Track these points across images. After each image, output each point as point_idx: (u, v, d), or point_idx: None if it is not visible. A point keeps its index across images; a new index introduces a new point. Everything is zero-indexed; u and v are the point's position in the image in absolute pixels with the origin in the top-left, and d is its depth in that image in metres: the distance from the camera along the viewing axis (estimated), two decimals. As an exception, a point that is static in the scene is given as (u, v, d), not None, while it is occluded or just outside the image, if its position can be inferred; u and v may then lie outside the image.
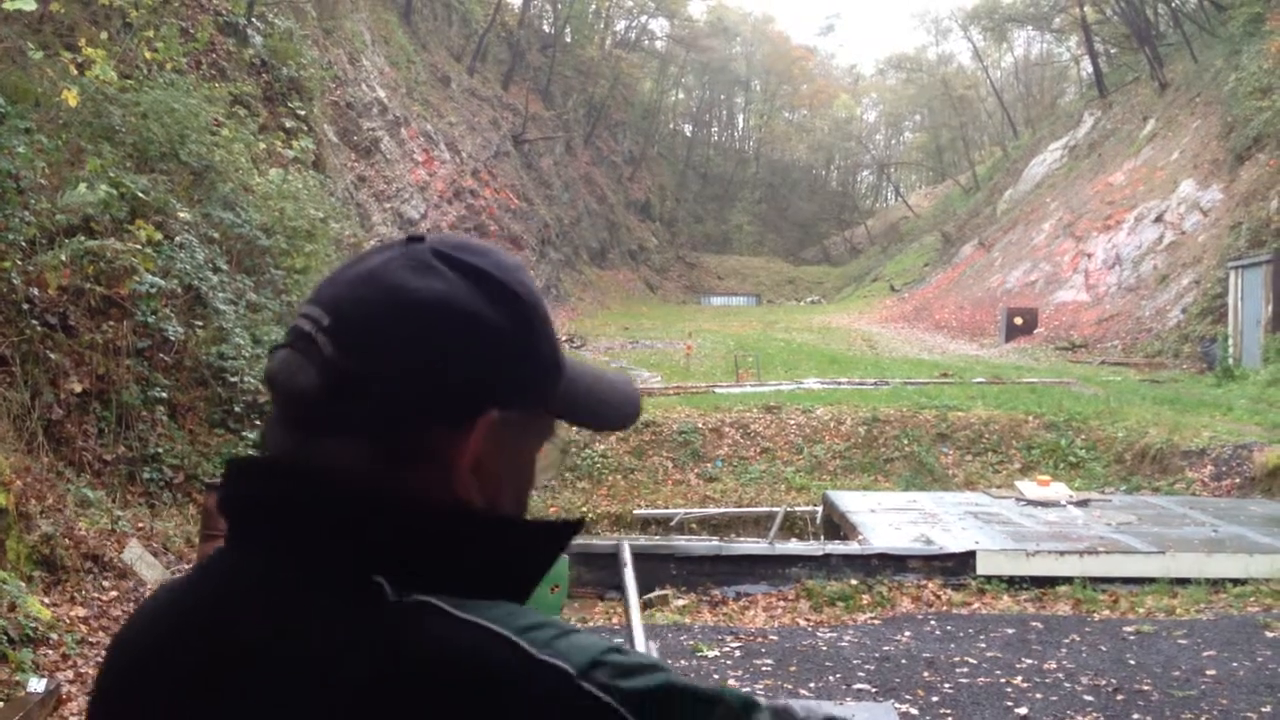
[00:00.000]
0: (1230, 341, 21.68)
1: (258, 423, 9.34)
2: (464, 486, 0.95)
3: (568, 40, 61.29)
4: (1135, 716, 5.82)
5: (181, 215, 10.23)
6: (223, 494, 0.96)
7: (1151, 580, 8.51)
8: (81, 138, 9.64)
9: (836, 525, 11.19)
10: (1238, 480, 12.41)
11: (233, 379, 9.40)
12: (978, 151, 69.15)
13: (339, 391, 0.90)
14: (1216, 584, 8.44)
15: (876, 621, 7.94)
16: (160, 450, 8.35)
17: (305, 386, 0.91)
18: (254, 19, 16.14)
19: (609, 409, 1.06)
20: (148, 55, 11.61)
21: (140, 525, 7.48)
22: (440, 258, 0.95)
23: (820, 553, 9.10)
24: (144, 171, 10.20)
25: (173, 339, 9.00)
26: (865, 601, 8.44)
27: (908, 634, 7.51)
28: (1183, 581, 8.46)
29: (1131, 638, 7.31)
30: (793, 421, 15.96)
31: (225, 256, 10.77)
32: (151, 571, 6.74)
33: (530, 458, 1.03)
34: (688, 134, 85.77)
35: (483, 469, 0.95)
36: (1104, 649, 7.05)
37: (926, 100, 77.46)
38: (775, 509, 13.06)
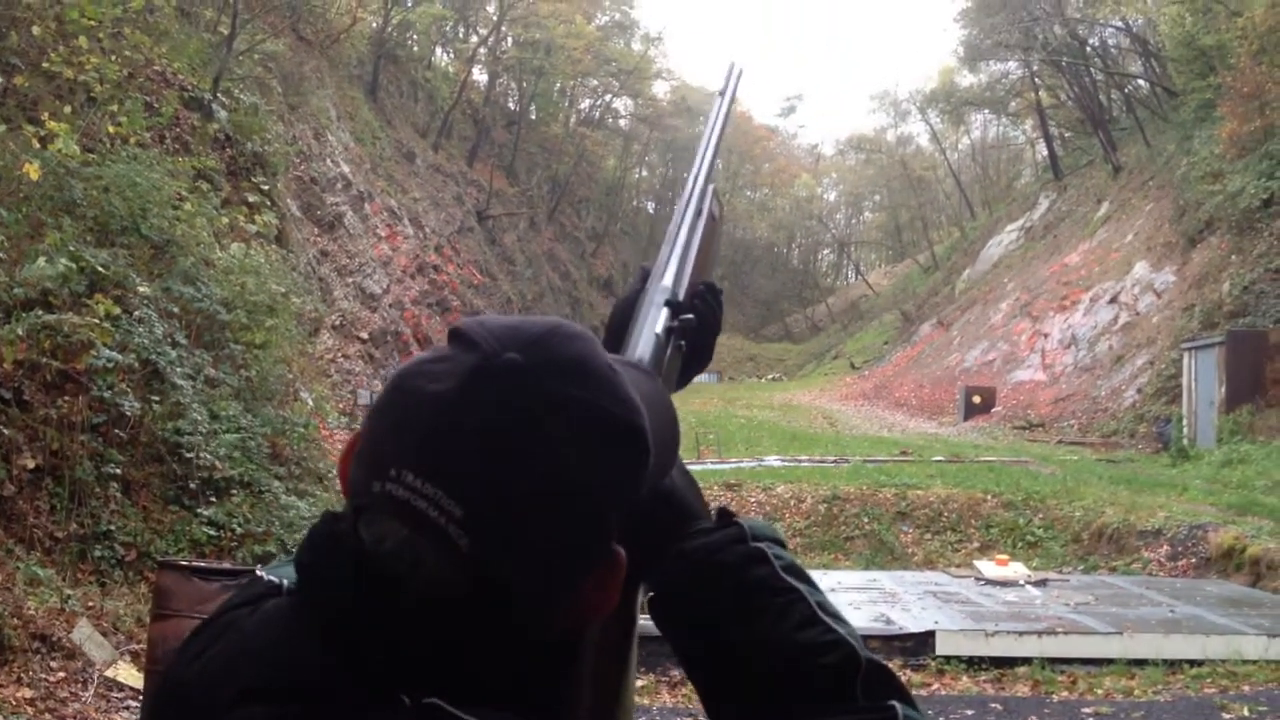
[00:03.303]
0: (1185, 422, 21.95)
1: (212, 499, 9.22)
2: (593, 621, 0.91)
3: (533, 118, 61.90)
4: (1094, 800, 5.80)
5: (141, 289, 10.18)
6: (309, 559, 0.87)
7: (1110, 661, 8.51)
8: (42, 211, 9.60)
9: (797, 605, 11.14)
10: (1194, 560, 12.47)
11: (189, 455, 9.29)
12: (936, 231, 70.06)
13: (485, 594, 0.81)
14: (1174, 665, 8.45)
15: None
16: (113, 527, 8.22)
17: (446, 589, 0.81)
18: (219, 94, 16.20)
19: (667, 450, 1.02)
20: (111, 129, 11.61)
21: (90, 604, 7.35)
22: (552, 401, 0.83)
23: (780, 633, 9.05)
24: (104, 245, 10.15)
25: (129, 414, 8.91)
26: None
27: (867, 716, 7.46)
28: (1140, 662, 8.47)
29: (1091, 719, 7.31)
30: (753, 499, 15.93)
31: (185, 331, 10.70)
32: (100, 651, 6.62)
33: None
34: (651, 211, 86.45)
35: (607, 605, 0.90)
36: (1063, 731, 7.05)
37: (886, 180, 78.53)
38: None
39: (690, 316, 1.21)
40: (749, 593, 0.93)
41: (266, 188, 16.63)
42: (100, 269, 9.51)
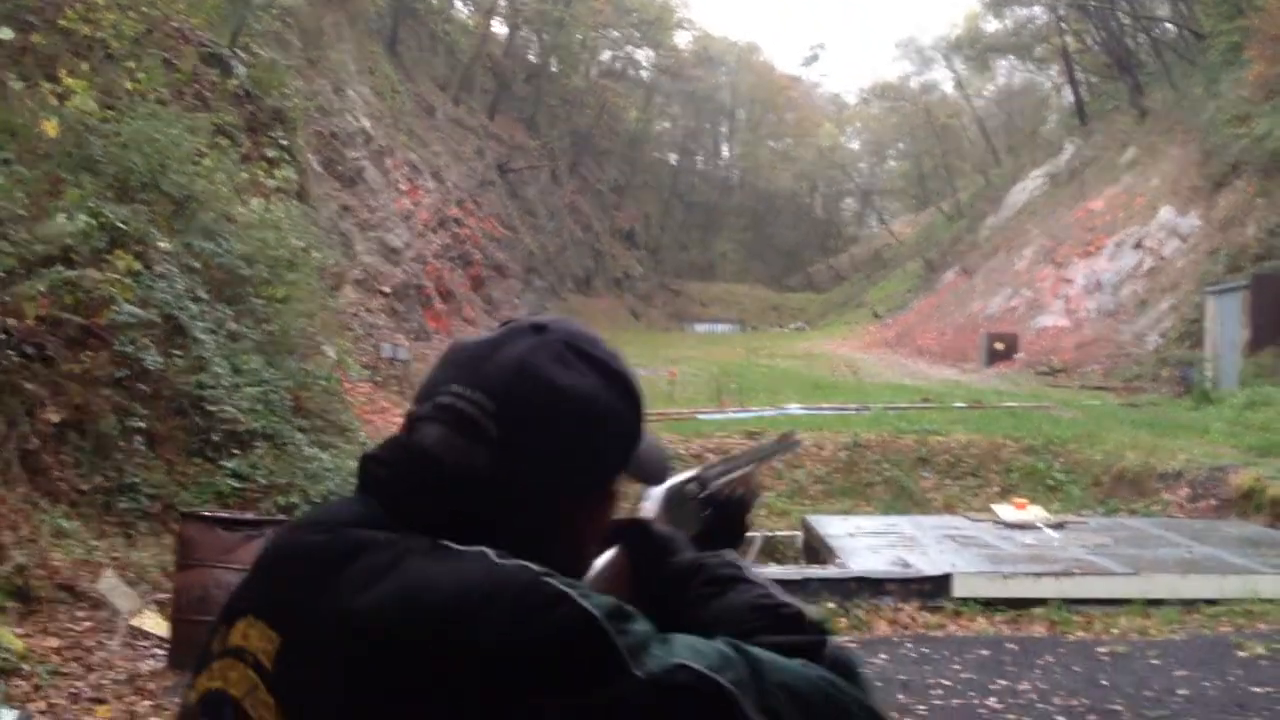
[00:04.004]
0: (1208, 365, 21.84)
1: (235, 452, 9.34)
2: (585, 548, 1.19)
3: (553, 70, 61.49)
4: (1106, 736, 5.87)
5: (161, 245, 10.25)
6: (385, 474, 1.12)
7: (1126, 601, 8.56)
8: (61, 168, 9.67)
9: (816, 550, 11.23)
10: (1213, 502, 12.48)
11: (211, 408, 9.40)
12: (960, 179, 69.46)
13: (507, 472, 1.08)
14: (1190, 604, 8.50)
15: (853, 644, 7.95)
16: (137, 480, 8.35)
17: (477, 468, 1.08)
18: (238, 50, 16.19)
19: (656, 465, 1.29)
20: (129, 86, 11.64)
21: (116, 555, 7.48)
22: (572, 350, 1.14)
23: (799, 577, 9.12)
24: (124, 201, 10.22)
25: (151, 368, 9.01)
26: (843, 625, 8.46)
27: (884, 656, 7.54)
28: (1157, 602, 8.51)
29: (1105, 658, 7.37)
30: (774, 447, 15.97)
31: (205, 286, 10.77)
32: (126, 602, 6.74)
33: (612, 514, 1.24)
34: (673, 163, 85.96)
35: (595, 531, 1.20)
36: (1078, 669, 7.10)
37: (909, 128, 77.75)
38: (753, 534, 13.10)
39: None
40: (725, 579, 1.19)
41: (286, 143, 16.64)
42: (120, 225, 9.59)
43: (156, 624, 6.84)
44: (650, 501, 1.40)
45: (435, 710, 0.94)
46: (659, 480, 1.34)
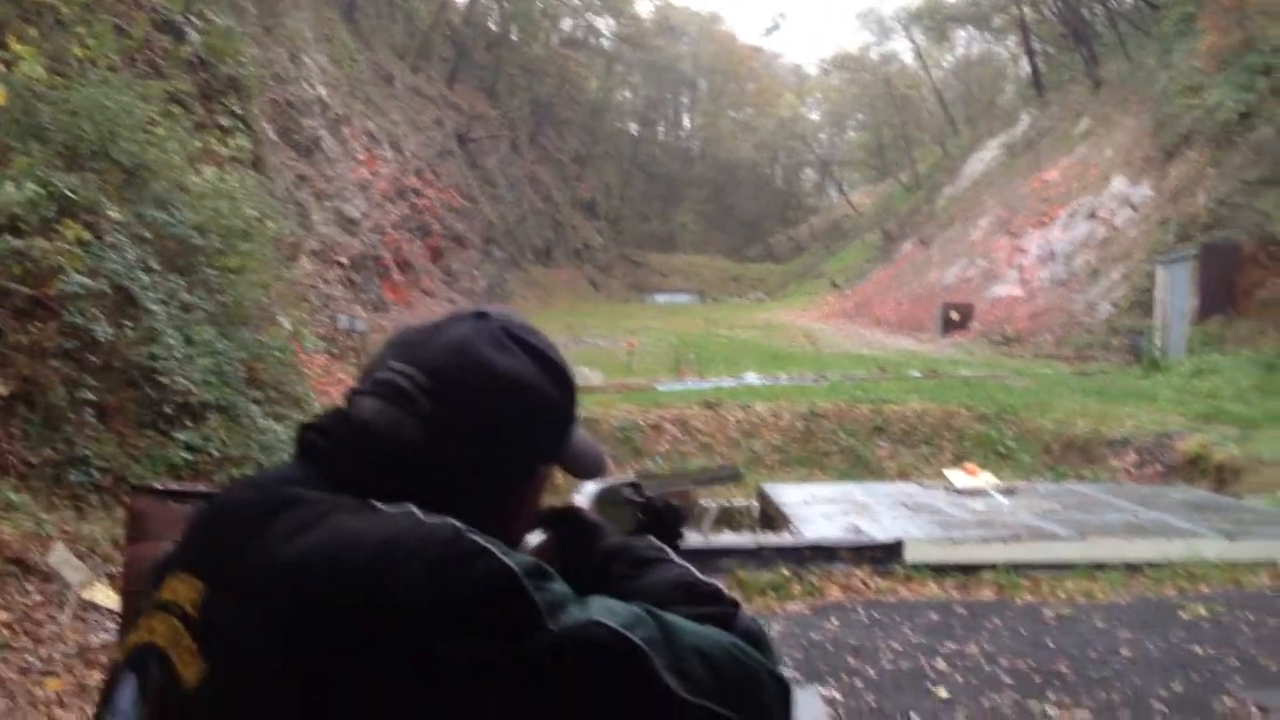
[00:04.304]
0: (1157, 334, 22.14)
1: (188, 424, 9.28)
2: (511, 528, 1.20)
3: (513, 38, 61.07)
4: (1051, 696, 5.98)
5: (112, 214, 10.11)
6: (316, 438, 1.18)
7: (1072, 565, 8.70)
8: (9, 136, 9.53)
9: (772, 518, 11.33)
10: (1160, 468, 12.70)
11: (163, 380, 9.30)
12: (919, 149, 69.68)
13: (436, 445, 1.13)
14: (1135, 568, 8.65)
15: (806, 610, 8.06)
16: (88, 452, 8.27)
17: (409, 438, 1.12)
18: (191, 16, 15.96)
19: (591, 461, 1.32)
20: (79, 52, 11.46)
21: (66, 528, 7.42)
22: (509, 336, 1.19)
23: (753, 545, 9.21)
24: (74, 170, 10.08)
25: (101, 340, 8.91)
26: (796, 591, 8.56)
27: (835, 622, 7.64)
28: (1102, 566, 8.65)
29: (1051, 621, 7.50)
30: (732, 417, 16.10)
31: (157, 256, 10.63)
32: (77, 575, 6.71)
33: (541, 498, 1.28)
34: (634, 133, 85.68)
35: (523, 513, 1.24)
36: (1024, 632, 7.23)
37: (869, 99, 77.81)
38: (711, 503, 13.19)
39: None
40: (648, 560, 1.23)
41: (240, 111, 16.45)
42: (70, 194, 9.46)
43: (107, 597, 6.81)
44: (583, 495, 1.44)
45: (350, 653, 0.96)
46: (593, 476, 1.37)
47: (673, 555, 1.24)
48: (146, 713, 1.07)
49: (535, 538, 1.30)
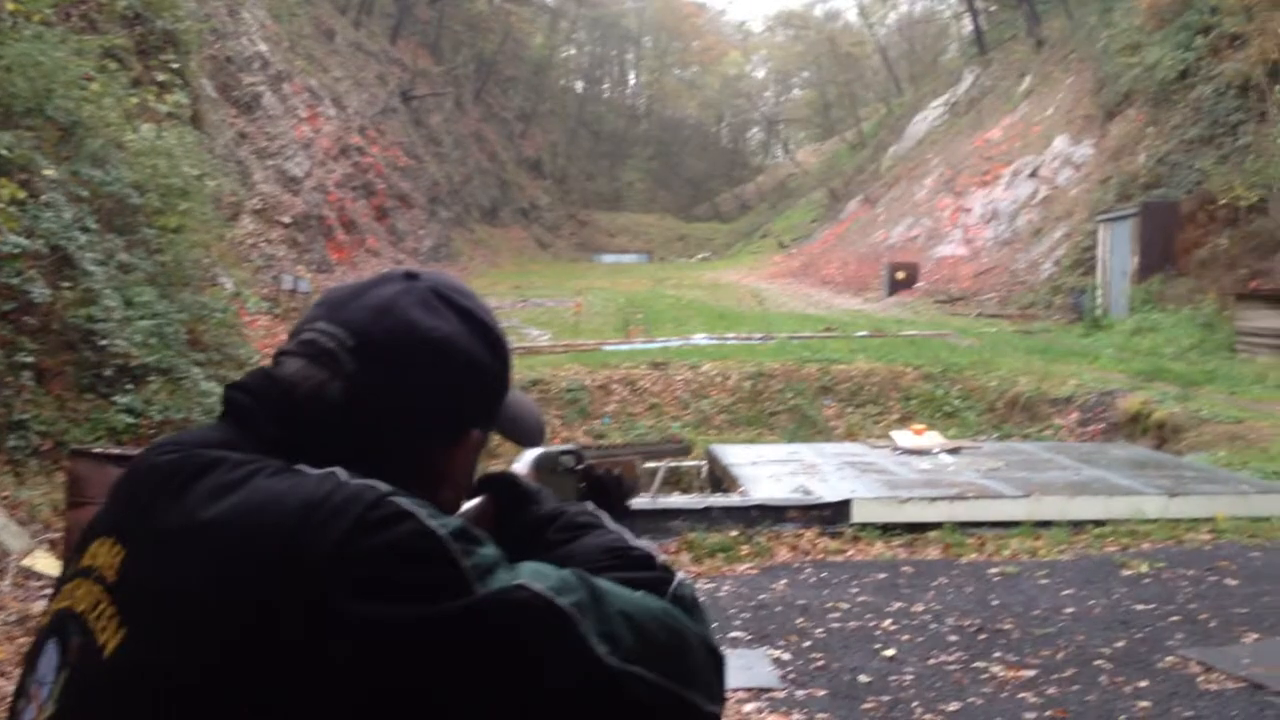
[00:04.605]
0: (1098, 293, 22.41)
1: (129, 387, 9.14)
2: (441, 492, 1.16)
3: (456, -7, 60.36)
4: (996, 654, 6.04)
5: (48, 173, 9.92)
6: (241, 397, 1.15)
7: (1017, 523, 8.80)
8: (-61, 94, 9.31)
9: (720, 479, 11.36)
10: (1102, 425, 12.87)
11: (102, 342, 9.17)
12: (864, 108, 69.81)
13: (361, 406, 1.11)
14: (1078, 525, 8.76)
15: (755, 571, 8.10)
16: (26, 417, 8.13)
17: (331, 398, 1.11)
18: (126, -30, 15.61)
19: (530, 427, 1.32)
20: (11, 7, 11.17)
21: (5, 494, 7.31)
22: (439, 297, 1.17)
23: (701, 506, 9.23)
24: (7, 128, 9.85)
25: (38, 301, 8.75)
26: (745, 552, 8.60)
27: (784, 582, 7.68)
28: (1046, 524, 8.75)
29: (996, 579, 7.58)
30: (679, 377, 16.11)
31: (95, 215, 10.44)
32: (17, 541, 6.62)
33: (475, 463, 1.25)
34: (579, 91, 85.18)
35: (452, 477, 1.20)
36: (969, 590, 7.31)
37: (814, 57, 77.84)
38: (657, 464, 13.22)
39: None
40: (582, 525, 1.22)
41: (178, 67, 16.14)
42: (3, 152, 9.25)
43: (48, 564, 6.72)
44: (521, 463, 1.42)
45: (272, 622, 0.94)
46: (532, 443, 1.36)
47: (606, 521, 1.23)
48: (65, 678, 1.05)
49: (471, 503, 1.29)
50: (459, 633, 0.95)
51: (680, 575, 1.12)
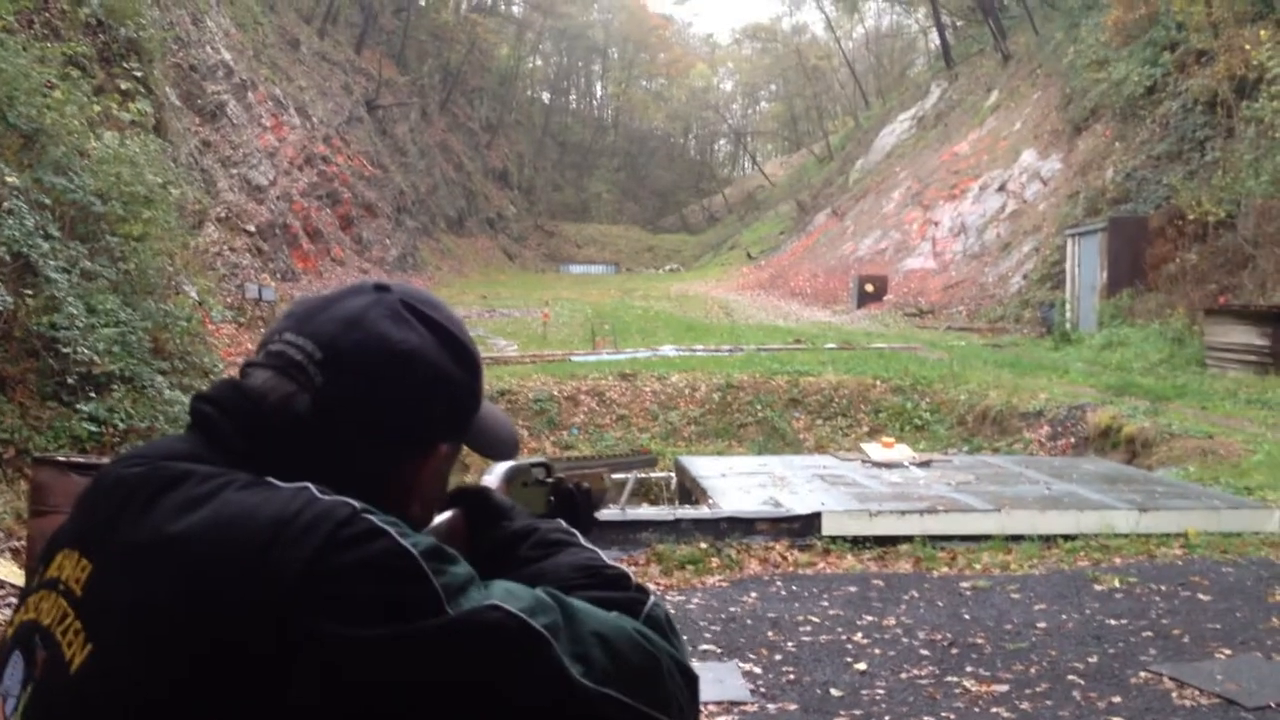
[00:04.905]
0: (1068, 306, 22.52)
1: (92, 395, 9.00)
2: (411, 506, 1.16)
3: (421, 3, 60.24)
4: (968, 669, 6.00)
5: (10, 180, 9.77)
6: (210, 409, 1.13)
7: (988, 537, 8.77)
8: (-103, 98, 9.13)
9: (689, 491, 11.30)
10: (1072, 440, 12.88)
11: (65, 350, 9.02)
12: (831, 121, 70.21)
13: (329, 419, 1.09)
14: (1049, 540, 8.74)
15: (724, 584, 8.03)
16: (-13, 425, 8.00)
17: (299, 410, 1.09)
18: (89, -24, 15.45)
19: (502, 442, 1.30)
20: (-28, 14, 11.04)
21: (-36, 503, 7.17)
22: (409, 310, 1.15)
23: (670, 517, 9.16)
24: (-34, 135, 9.71)
25: (0, 309, 8.62)
26: (714, 564, 8.53)
27: (754, 595, 7.62)
28: (1017, 538, 8.74)
29: (967, 593, 7.54)
30: (648, 389, 16.05)
31: (58, 223, 10.30)
32: (-25, 550, 6.47)
33: (446, 476, 1.24)
34: (546, 102, 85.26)
35: (421, 491, 1.18)
36: (941, 604, 7.26)
37: (781, 70, 78.23)
38: (625, 476, 13.12)
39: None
40: (555, 543, 1.22)
41: (141, 75, 15.98)
42: (-38, 159, 9.10)
43: (10, 572, 6.59)
44: (492, 475, 1.43)
45: (242, 637, 0.93)
46: (503, 457, 1.36)
47: (580, 539, 1.23)
48: (31, 692, 1.04)
49: (443, 518, 1.28)
50: (431, 653, 0.94)
51: (654, 596, 1.12)
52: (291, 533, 0.96)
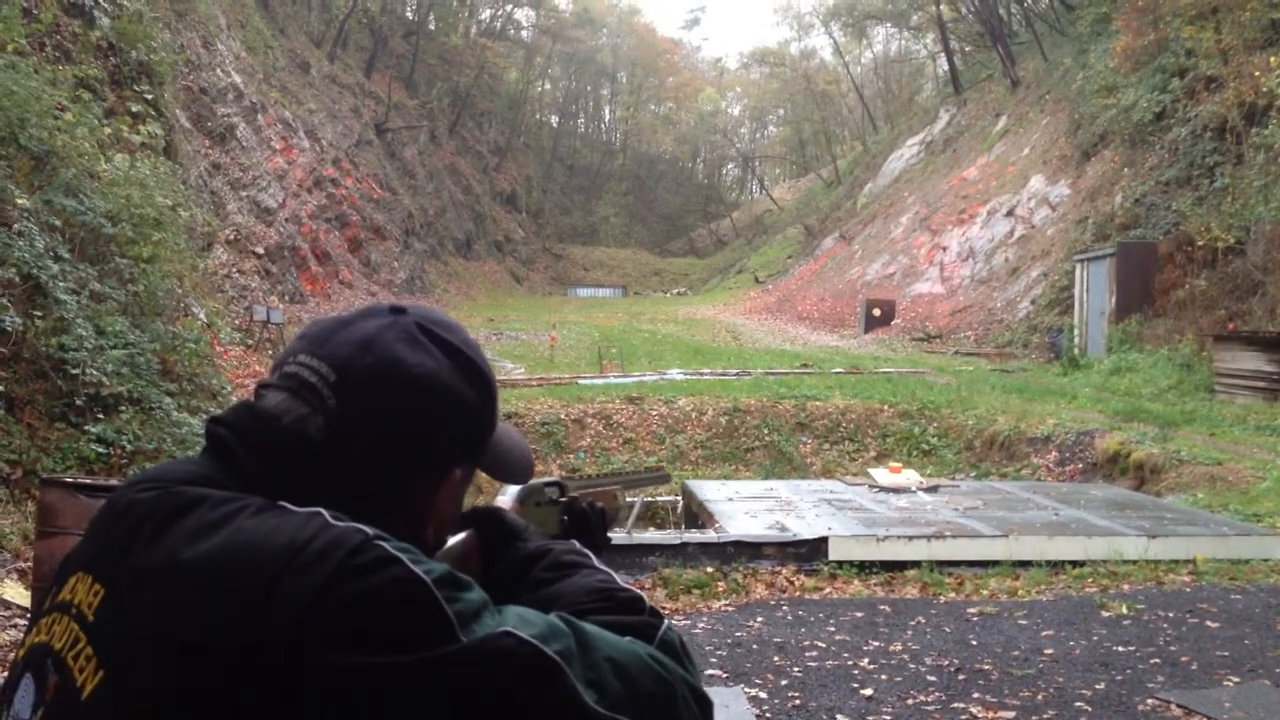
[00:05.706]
0: (1076, 332, 22.48)
1: (100, 416, 9.01)
2: (425, 529, 1.17)
3: (431, 28, 60.55)
4: (975, 695, 5.96)
5: (20, 202, 9.81)
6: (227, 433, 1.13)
7: (995, 563, 8.74)
8: (-90, 120, 9.19)
9: (695, 514, 11.27)
10: (1080, 465, 12.84)
11: (74, 371, 9.04)
12: (839, 146, 70.31)
13: (343, 442, 1.09)
14: (1057, 566, 8.71)
15: (731, 608, 8.00)
16: (-5, 445, 8.01)
17: (312, 434, 1.09)
18: (101, 0, 15.56)
19: (518, 465, 1.28)
20: (-15, 36, 11.11)
21: (-28, 523, 7.18)
22: (424, 333, 1.15)
23: (677, 541, 9.14)
24: (-21, 156, 9.76)
25: (10, 330, 8.63)
26: (721, 589, 8.50)
27: (760, 620, 7.59)
28: (1025, 564, 8.70)
29: (975, 619, 7.50)
30: (655, 412, 16.04)
31: (68, 245, 10.35)
32: (-17, 571, 6.47)
33: (460, 500, 1.24)
34: (554, 125, 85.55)
35: (436, 514, 1.18)
36: (948, 630, 7.22)
37: (789, 95, 78.42)
38: (634, 499, 13.10)
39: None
40: (569, 564, 1.22)
41: (152, 97, 16.07)
42: (-25, 181, 9.15)
43: (17, 593, 6.59)
44: (505, 496, 1.44)
45: (256, 664, 0.93)
46: (518, 480, 1.33)
47: (594, 560, 1.23)
48: (42, 717, 1.04)
49: (457, 539, 1.28)
50: (444, 680, 0.94)
51: (668, 620, 1.11)
52: (303, 560, 0.96)
